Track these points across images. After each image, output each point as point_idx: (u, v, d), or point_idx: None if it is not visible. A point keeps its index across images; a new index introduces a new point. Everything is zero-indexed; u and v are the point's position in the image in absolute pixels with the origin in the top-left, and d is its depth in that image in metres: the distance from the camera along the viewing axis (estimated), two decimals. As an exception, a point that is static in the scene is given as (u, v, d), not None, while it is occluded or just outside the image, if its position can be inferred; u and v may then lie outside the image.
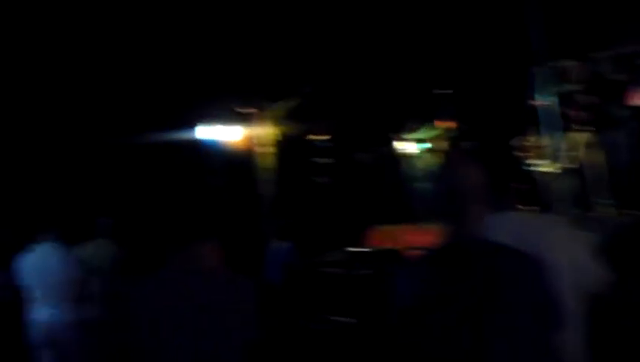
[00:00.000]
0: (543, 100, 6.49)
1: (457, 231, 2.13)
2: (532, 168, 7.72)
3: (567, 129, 7.62)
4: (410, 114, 9.72)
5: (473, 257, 2.08)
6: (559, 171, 6.39)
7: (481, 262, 2.06)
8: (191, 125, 9.11)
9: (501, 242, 2.11)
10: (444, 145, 9.30)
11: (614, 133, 7.46)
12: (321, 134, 9.86)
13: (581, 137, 7.56)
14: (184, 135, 9.15)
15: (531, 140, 8.07)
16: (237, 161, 9.22)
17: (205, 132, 9.22)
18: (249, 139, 9.25)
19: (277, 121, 9.07)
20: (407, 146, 9.61)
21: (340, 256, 8.01)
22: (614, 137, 7.45)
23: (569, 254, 2.44)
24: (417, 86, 9.80)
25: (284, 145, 9.15)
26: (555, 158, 6.37)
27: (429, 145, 9.43)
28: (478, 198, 2.13)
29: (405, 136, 9.63)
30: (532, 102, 8.28)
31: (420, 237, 8.15)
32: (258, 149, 9.18)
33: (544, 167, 7.30)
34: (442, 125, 9.25)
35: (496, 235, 2.13)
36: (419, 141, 9.48)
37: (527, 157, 7.71)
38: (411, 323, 2.10)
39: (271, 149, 9.08)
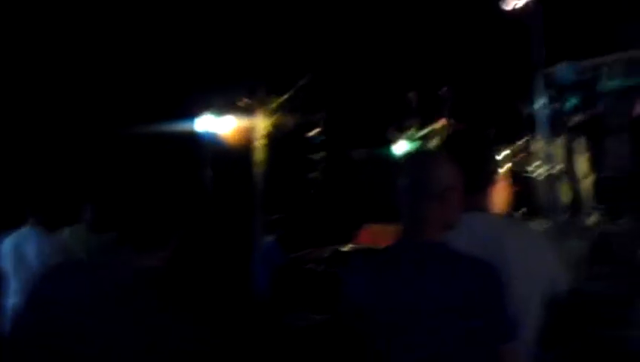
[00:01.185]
0: (539, 105, 6.43)
1: (411, 231, 2.08)
2: (525, 172, 7.68)
3: (560, 134, 7.56)
4: (407, 112, 9.67)
5: (423, 260, 2.02)
6: (550, 176, 6.33)
7: (430, 266, 2.00)
8: (187, 117, 9.07)
9: (456, 247, 2.05)
10: (439, 143, 9.24)
11: (609, 141, 7.40)
12: (315, 129, 9.80)
13: (575, 144, 7.51)
14: (179, 126, 9.11)
15: (525, 144, 8.02)
16: (231, 153, 9.17)
17: (202, 124, 9.17)
18: (244, 131, 9.19)
19: (272, 113, 9.00)
20: (403, 144, 9.56)
21: (328, 254, 7.98)
22: (608, 145, 7.40)
23: (530, 263, 2.36)
24: (415, 85, 9.76)
25: (278, 139, 9.08)
26: (547, 163, 6.31)
27: (424, 143, 9.37)
28: (440, 199, 2.07)
29: (402, 134, 9.58)
30: (527, 107, 8.24)
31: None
32: (253, 142, 9.11)
33: (536, 171, 7.25)
34: (439, 124, 9.18)
35: (458, 237, 2.07)
36: (415, 139, 9.42)
37: (520, 161, 7.66)
38: (355, 323, 2.04)
39: (265, 142, 9.01)
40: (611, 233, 6.40)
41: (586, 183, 7.28)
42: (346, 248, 8.14)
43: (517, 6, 6.24)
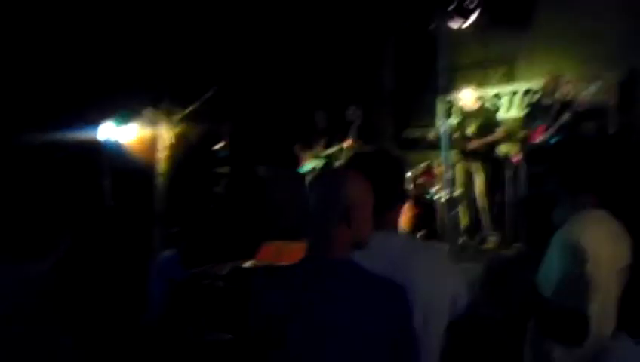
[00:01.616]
0: (442, 129, 6.59)
1: (319, 250, 2.06)
2: (426, 194, 7.83)
3: (460, 159, 7.76)
4: (314, 131, 9.68)
5: (331, 279, 2.00)
6: (450, 199, 6.48)
7: (338, 285, 1.98)
8: (89, 124, 8.77)
9: (366, 266, 2.04)
10: (346, 163, 9.29)
11: (506, 167, 7.65)
12: (221, 142, 9.67)
13: (474, 168, 7.72)
14: (80, 134, 8.79)
15: (426, 167, 8.19)
16: (133, 163, 8.91)
17: (104, 132, 8.89)
18: (147, 141, 8.95)
19: (176, 124, 8.81)
20: (309, 163, 9.56)
21: (228, 270, 7.86)
22: (505, 171, 7.65)
23: (434, 285, 2.38)
24: (323, 104, 9.80)
25: (181, 151, 8.89)
26: (447, 187, 6.45)
27: (330, 162, 9.41)
28: (346, 218, 2.06)
29: (308, 152, 9.58)
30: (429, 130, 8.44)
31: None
32: (156, 153, 8.88)
33: (437, 194, 7.39)
34: (345, 144, 9.24)
35: (369, 256, 2.06)
36: (321, 158, 9.44)
37: (422, 184, 7.80)
38: (264, 339, 2.00)
39: (168, 153, 8.80)
40: (506, 257, 6.61)
41: (484, 207, 7.52)
42: (246, 264, 8.02)
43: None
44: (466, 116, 8.13)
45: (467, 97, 8.11)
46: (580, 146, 2.77)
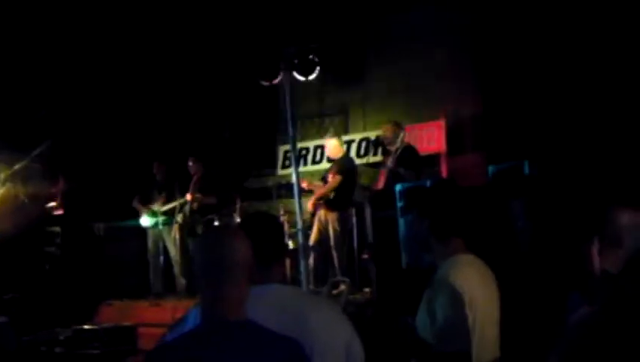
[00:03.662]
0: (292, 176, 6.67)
1: (216, 310, 2.01)
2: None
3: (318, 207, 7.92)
4: (152, 184, 9.43)
5: (232, 341, 1.95)
6: (304, 246, 6.56)
7: (241, 348, 1.94)
8: None
9: (262, 325, 2.02)
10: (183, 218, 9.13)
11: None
12: (53, 200, 9.16)
13: (329, 217, 7.89)
14: None
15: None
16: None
17: None
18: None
19: (3, 183, 8.23)
20: (148, 217, 9.27)
21: (66, 334, 7.41)
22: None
23: (330, 334, 2.41)
24: (161, 156, 9.61)
25: (9, 211, 8.30)
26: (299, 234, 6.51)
27: (168, 217, 9.17)
28: (241, 274, 2.03)
29: (148, 206, 9.29)
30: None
31: (157, 314, 7.84)
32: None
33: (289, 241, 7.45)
34: (185, 198, 9.06)
35: (258, 311, 2.04)
36: (160, 213, 9.18)
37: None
38: None
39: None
40: (356, 302, 6.77)
41: (338, 255, 7.68)
42: (86, 327, 7.61)
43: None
44: (332, 164, 8.34)
45: (331, 146, 8.32)
46: (446, 193, 2.92)
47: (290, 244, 7.43)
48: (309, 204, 7.95)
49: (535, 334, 4.11)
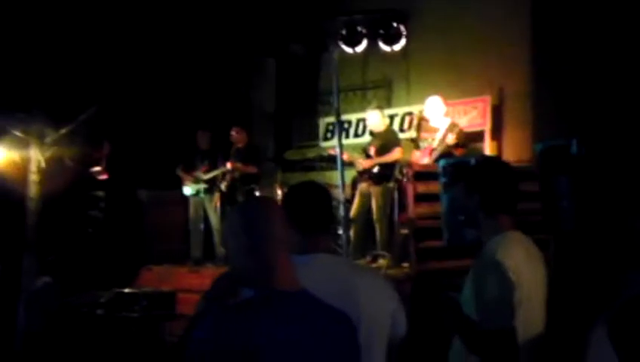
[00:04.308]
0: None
1: (269, 281, 2.02)
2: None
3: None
4: (195, 153, 9.50)
5: (287, 310, 1.95)
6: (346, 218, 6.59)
7: (294, 317, 1.94)
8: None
9: (315, 295, 2.03)
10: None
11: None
12: (98, 165, 9.28)
13: (372, 190, 7.87)
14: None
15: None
16: (1, 186, 8.38)
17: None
18: (17, 164, 8.44)
19: (49, 147, 8.36)
20: (191, 185, 9.34)
21: (107, 296, 7.55)
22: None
23: (381, 306, 2.45)
24: (205, 124, 9.66)
25: (55, 174, 8.44)
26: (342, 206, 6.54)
27: (213, 185, 9.25)
28: (285, 246, 2.04)
29: (189, 175, 9.37)
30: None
31: (196, 280, 7.94)
32: (27, 176, 8.39)
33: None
34: (229, 165, 9.11)
35: (306, 280, 2.04)
36: (203, 181, 9.26)
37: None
38: None
39: (40, 177, 8.32)
40: (395, 277, 6.77)
41: (380, 229, 7.67)
42: (126, 290, 7.73)
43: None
44: (373, 137, 8.28)
45: (374, 119, 8.19)
46: (498, 169, 2.87)
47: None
48: (363, 164, 7.88)
49: (577, 314, 4.06)
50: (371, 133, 8.56)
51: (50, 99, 8.32)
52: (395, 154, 7.76)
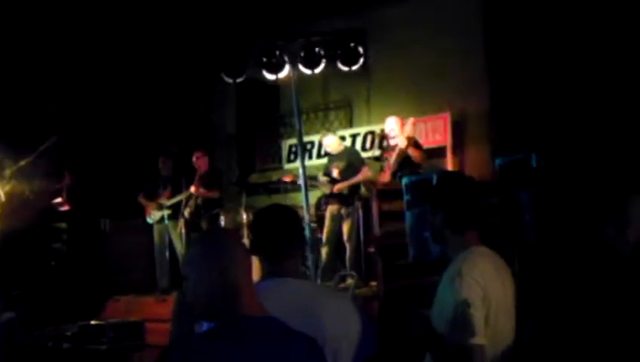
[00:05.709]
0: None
1: (234, 308, 2.02)
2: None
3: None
4: (157, 179, 9.42)
5: (254, 338, 1.95)
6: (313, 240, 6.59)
7: (259, 342, 1.94)
8: None
9: (280, 320, 2.03)
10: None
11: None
12: (59, 196, 9.15)
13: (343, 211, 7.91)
14: None
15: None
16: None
17: None
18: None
19: (8, 180, 8.22)
20: (155, 213, 9.26)
21: (73, 330, 7.42)
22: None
23: (346, 328, 2.46)
24: (166, 151, 9.61)
25: (17, 208, 8.29)
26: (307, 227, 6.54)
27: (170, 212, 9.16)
28: (248, 274, 2.05)
29: (153, 201, 9.28)
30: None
31: (164, 309, 7.84)
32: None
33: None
34: (192, 190, 9.04)
35: (272, 305, 2.04)
36: (166, 208, 9.18)
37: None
38: None
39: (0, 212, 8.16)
40: (363, 296, 6.79)
41: (350, 249, 7.70)
42: (92, 322, 7.61)
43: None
44: (331, 160, 8.33)
45: (330, 142, 8.30)
46: (461, 185, 2.89)
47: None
48: (334, 188, 7.90)
49: (542, 325, 4.11)
50: (327, 154, 8.61)
51: (8, 130, 8.20)
52: (365, 173, 7.87)
